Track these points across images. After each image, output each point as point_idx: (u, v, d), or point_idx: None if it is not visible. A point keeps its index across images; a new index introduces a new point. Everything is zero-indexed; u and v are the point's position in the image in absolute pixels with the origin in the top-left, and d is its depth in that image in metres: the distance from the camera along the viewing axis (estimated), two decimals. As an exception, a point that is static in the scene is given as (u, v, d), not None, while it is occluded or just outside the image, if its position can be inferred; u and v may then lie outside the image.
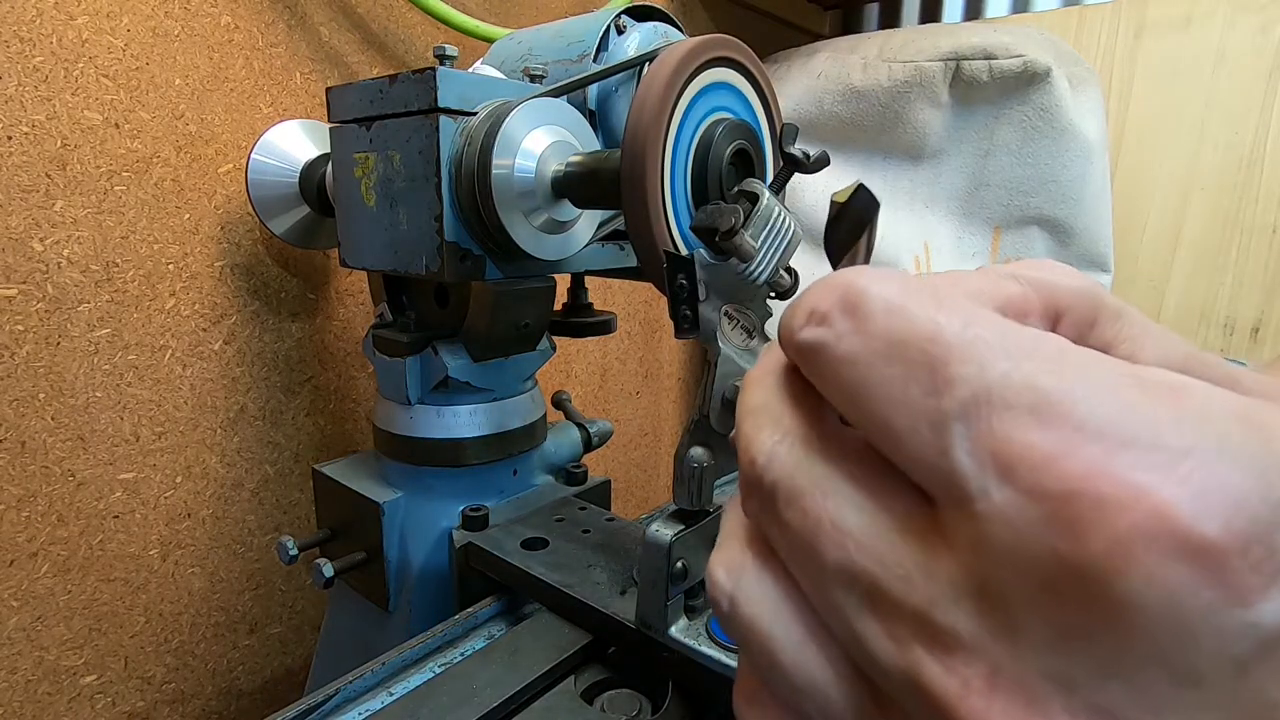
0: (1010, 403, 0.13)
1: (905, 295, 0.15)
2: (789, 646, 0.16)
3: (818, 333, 0.15)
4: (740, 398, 0.19)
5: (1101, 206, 0.96)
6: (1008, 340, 0.13)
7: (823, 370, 0.16)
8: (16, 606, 0.56)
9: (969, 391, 0.13)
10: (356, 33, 0.71)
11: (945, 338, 0.14)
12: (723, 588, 0.17)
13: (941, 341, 0.14)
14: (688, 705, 0.36)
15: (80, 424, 0.58)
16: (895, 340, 0.14)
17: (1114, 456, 0.12)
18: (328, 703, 0.36)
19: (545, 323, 0.54)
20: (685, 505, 0.33)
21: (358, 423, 0.76)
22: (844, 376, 0.15)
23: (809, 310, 0.16)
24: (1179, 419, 0.12)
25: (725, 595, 0.17)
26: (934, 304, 0.14)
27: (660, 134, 0.37)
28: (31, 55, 0.52)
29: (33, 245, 0.54)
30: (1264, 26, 0.95)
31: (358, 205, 0.48)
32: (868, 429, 0.15)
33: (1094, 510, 0.12)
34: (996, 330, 0.14)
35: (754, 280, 0.31)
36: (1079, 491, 0.12)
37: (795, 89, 1.03)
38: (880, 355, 0.14)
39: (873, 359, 0.14)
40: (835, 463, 0.15)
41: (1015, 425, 0.13)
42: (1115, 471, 0.12)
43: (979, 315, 0.14)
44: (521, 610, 0.46)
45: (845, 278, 0.15)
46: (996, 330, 0.14)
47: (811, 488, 0.15)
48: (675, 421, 1.21)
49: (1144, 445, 0.12)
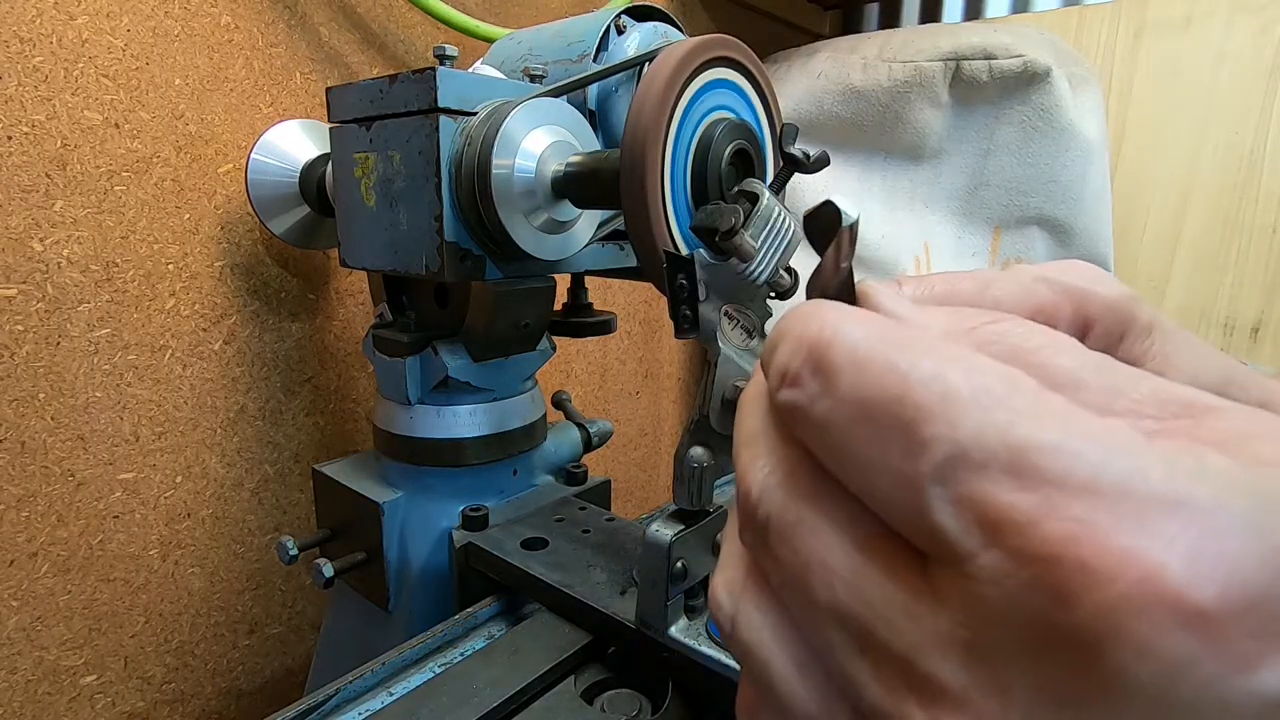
0: (986, 462, 0.12)
1: (872, 346, 0.14)
2: (784, 673, 0.16)
3: (791, 395, 0.15)
4: (737, 420, 0.18)
5: (1101, 206, 0.96)
6: (979, 389, 0.13)
7: (802, 431, 0.15)
8: (16, 606, 0.56)
9: (943, 453, 0.13)
10: (356, 33, 0.71)
11: (913, 397, 0.13)
12: (725, 611, 0.17)
13: (910, 401, 0.13)
14: (688, 705, 0.36)
15: (80, 424, 0.58)
16: (864, 402, 0.14)
17: (1098, 516, 0.11)
18: (328, 703, 0.36)
19: (545, 323, 0.54)
20: (685, 505, 0.33)
21: (358, 423, 0.76)
22: (821, 440, 0.15)
23: (781, 370, 0.15)
24: (1169, 472, 0.12)
25: (727, 618, 0.17)
26: (900, 354, 0.14)
27: (660, 134, 0.37)
28: (31, 55, 0.52)
29: (33, 245, 0.54)
30: (1264, 26, 0.95)
31: (358, 205, 0.48)
32: (852, 487, 0.14)
33: (1080, 577, 0.11)
34: (967, 379, 0.13)
35: (754, 280, 0.31)
36: (1063, 557, 0.11)
37: (795, 89, 1.03)
38: (852, 419, 0.14)
39: (845, 424, 0.14)
40: (825, 501, 0.15)
41: (994, 486, 0.12)
42: (1099, 535, 0.11)
43: (947, 362, 0.13)
44: (521, 610, 0.46)
45: (811, 330, 0.15)
46: (967, 379, 0.13)
47: (801, 526, 0.15)
48: (675, 421, 1.21)
49: (1130, 503, 0.11)
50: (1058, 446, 0.12)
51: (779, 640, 0.16)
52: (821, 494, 0.15)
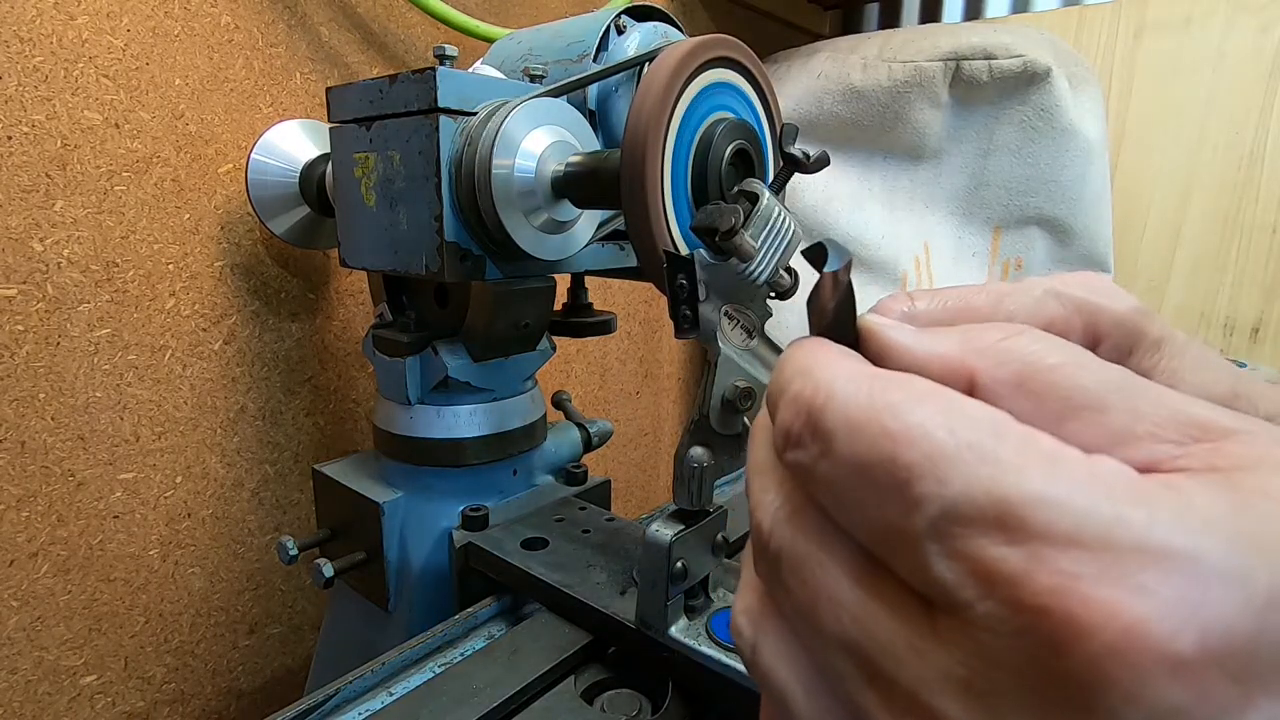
0: (975, 518, 0.13)
1: (862, 407, 0.15)
2: (801, 697, 0.16)
3: (795, 456, 0.16)
4: (749, 449, 0.19)
5: (1101, 206, 0.96)
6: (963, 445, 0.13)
7: (809, 488, 0.16)
8: (16, 606, 0.56)
9: (936, 510, 0.13)
10: (356, 33, 0.71)
11: (904, 457, 0.14)
12: (745, 638, 0.18)
13: (901, 461, 0.14)
14: (688, 705, 0.36)
15: (80, 424, 0.58)
16: (859, 464, 0.14)
17: (1083, 569, 0.12)
18: (328, 703, 0.36)
19: (545, 323, 0.54)
20: (685, 505, 0.33)
21: (358, 423, 0.76)
22: (826, 495, 0.15)
23: (784, 431, 0.16)
24: (1150, 519, 0.12)
25: (748, 644, 0.18)
26: (890, 415, 0.14)
27: (660, 134, 0.37)
28: (31, 55, 0.52)
29: (33, 245, 0.54)
30: (1264, 26, 0.95)
31: (358, 205, 0.48)
32: (857, 536, 0.15)
33: (1068, 628, 0.12)
34: (952, 434, 0.13)
35: (754, 280, 0.31)
36: (1052, 609, 0.12)
37: (795, 89, 1.03)
38: (851, 479, 0.15)
39: (846, 483, 0.15)
40: (831, 539, 0.16)
41: (985, 540, 0.13)
42: (1084, 588, 0.12)
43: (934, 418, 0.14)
44: (521, 610, 0.46)
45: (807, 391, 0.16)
46: (952, 434, 0.13)
47: (810, 560, 0.16)
48: (675, 421, 1.21)
49: (1113, 554, 0.12)
50: (1042, 499, 0.12)
51: (794, 668, 0.17)
52: (828, 533, 0.16)
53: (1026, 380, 0.15)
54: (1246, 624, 0.11)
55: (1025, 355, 0.16)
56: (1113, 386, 0.15)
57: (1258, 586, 0.11)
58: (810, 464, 0.15)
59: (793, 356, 0.17)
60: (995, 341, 0.16)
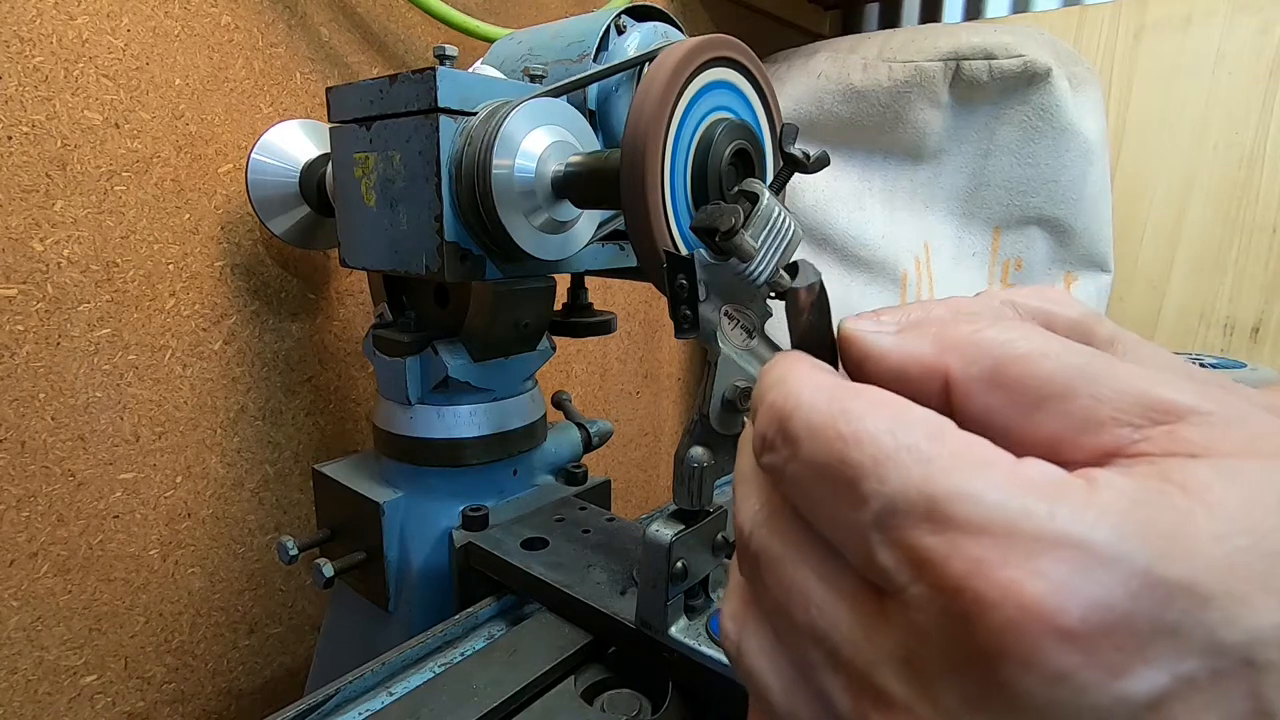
0: (908, 511, 0.15)
1: (822, 414, 0.16)
2: (780, 692, 0.18)
3: (769, 459, 0.18)
4: (737, 458, 0.21)
5: (1101, 206, 0.96)
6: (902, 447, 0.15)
7: (780, 487, 0.18)
8: (16, 606, 0.56)
9: (879, 504, 0.15)
10: (356, 33, 0.71)
11: (853, 458, 0.16)
12: (730, 638, 0.20)
13: (852, 461, 0.16)
14: (688, 705, 0.36)
15: (80, 424, 0.58)
16: (818, 465, 0.16)
17: (990, 554, 0.13)
18: (328, 703, 0.36)
19: (545, 323, 0.54)
20: (685, 505, 0.33)
21: (358, 423, 0.76)
22: (794, 494, 0.17)
23: (760, 436, 0.18)
24: (1051, 512, 0.14)
25: (733, 644, 0.19)
26: (844, 420, 0.16)
27: (660, 134, 0.37)
28: (31, 55, 0.52)
29: (33, 245, 0.54)
30: (1264, 26, 0.95)
31: (358, 205, 0.48)
32: (820, 531, 0.17)
33: (975, 606, 0.13)
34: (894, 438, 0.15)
35: (754, 280, 0.31)
36: (963, 589, 0.14)
37: (795, 89, 1.03)
38: (812, 478, 0.16)
39: (808, 482, 0.17)
40: (801, 539, 0.18)
41: (916, 531, 0.14)
42: (989, 570, 0.13)
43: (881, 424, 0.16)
44: (521, 610, 0.46)
45: (778, 400, 0.18)
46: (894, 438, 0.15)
47: (784, 560, 0.18)
48: (675, 421, 1.21)
49: (1016, 541, 0.13)
50: (963, 494, 0.14)
51: (773, 665, 0.18)
52: (798, 533, 0.18)
53: (996, 375, 0.17)
54: (1124, 602, 0.13)
55: (995, 348, 0.17)
56: (1077, 372, 0.16)
57: (1134, 569, 0.13)
58: (781, 466, 0.17)
59: (770, 369, 0.19)
60: (968, 335, 0.18)
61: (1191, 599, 0.13)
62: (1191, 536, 0.13)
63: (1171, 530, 0.13)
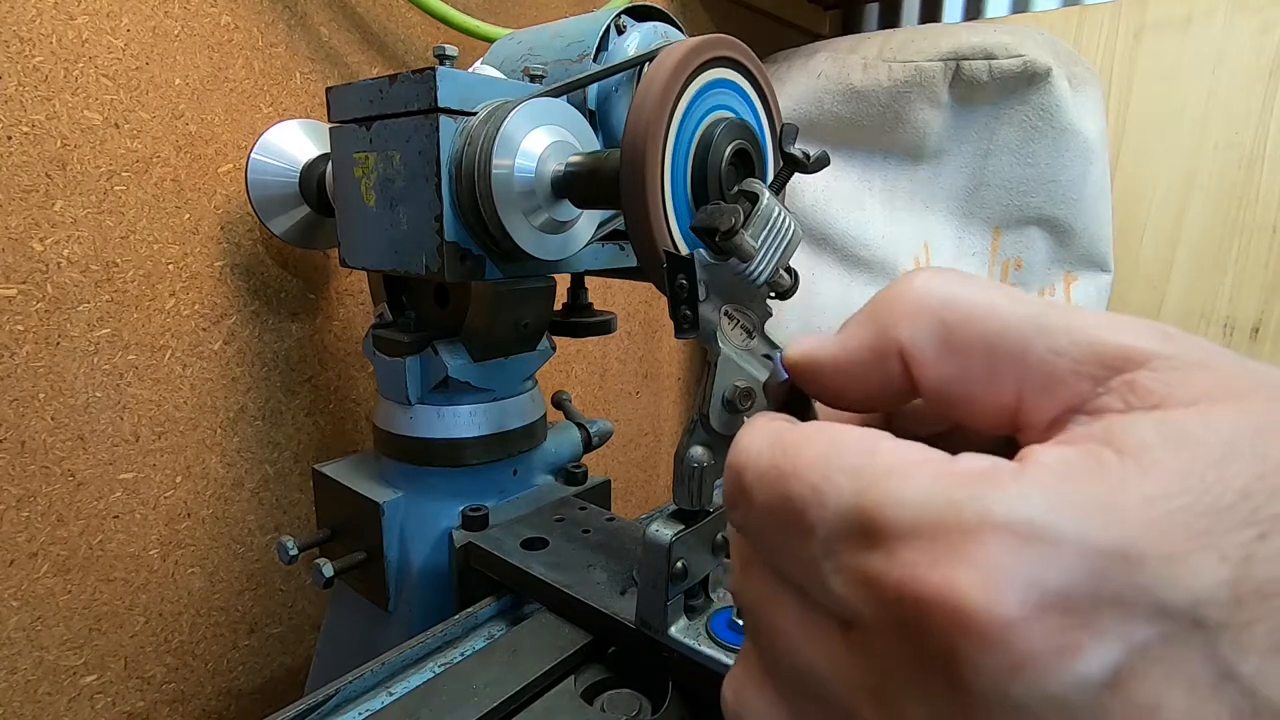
0: (847, 532, 0.14)
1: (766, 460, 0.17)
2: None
3: (733, 517, 0.18)
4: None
5: (1101, 206, 0.96)
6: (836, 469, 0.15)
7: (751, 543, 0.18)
8: (16, 606, 0.56)
9: (824, 532, 0.15)
10: (356, 33, 0.71)
11: (795, 490, 0.15)
12: (731, 706, 0.19)
13: (794, 495, 0.15)
14: (688, 705, 0.36)
15: (80, 424, 0.58)
16: (769, 509, 0.16)
17: (920, 556, 0.13)
18: (328, 703, 0.36)
19: (545, 323, 0.54)
20: (685, 505, 0.33)
21: (358, 423, 0.76)
22: (758, 545, 0.17)
23: (726, 496, 0.18)
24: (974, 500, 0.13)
25: (733, 713, 0.19)
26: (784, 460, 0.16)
27: (660, 134, 0.37)
28: (31, 55, 0.52)
29: (33, 245, 0.54)
30: (1264, 26, 0.95)
31: (358, 205, 0.48)
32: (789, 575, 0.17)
33: (917, 612, 0.13)
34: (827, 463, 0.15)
35: (754, 280, 0.31)
36: (904, 598, 0.13)
37: (795, 89, 1.03)
38: (768, 526, 0.17)
39: (765, 528, 0.17)
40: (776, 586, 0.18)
41: (856, 552, 0.14)
42: (922, 573, 0.13)
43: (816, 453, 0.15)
44: (521, 610, 0.46)
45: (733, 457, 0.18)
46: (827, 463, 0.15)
47: (763, 608, 0.18)
48: (675, 421, 1.20)
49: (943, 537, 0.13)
50: (891, 501, 0.14)
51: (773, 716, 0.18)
52: (770, 581, 0.18)
53: (948, 339, 0.16)
54: (1060, 577, 0.12)
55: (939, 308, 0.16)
56: (1029, 323, 0.15)
57: (1064, 542, 0.12)
58: (743, 522, 0.17)
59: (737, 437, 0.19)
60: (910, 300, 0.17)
61: (1128, 564, 0.12)
62: (1123, 502, 0.12)
63: (1101, 498, 0.12)
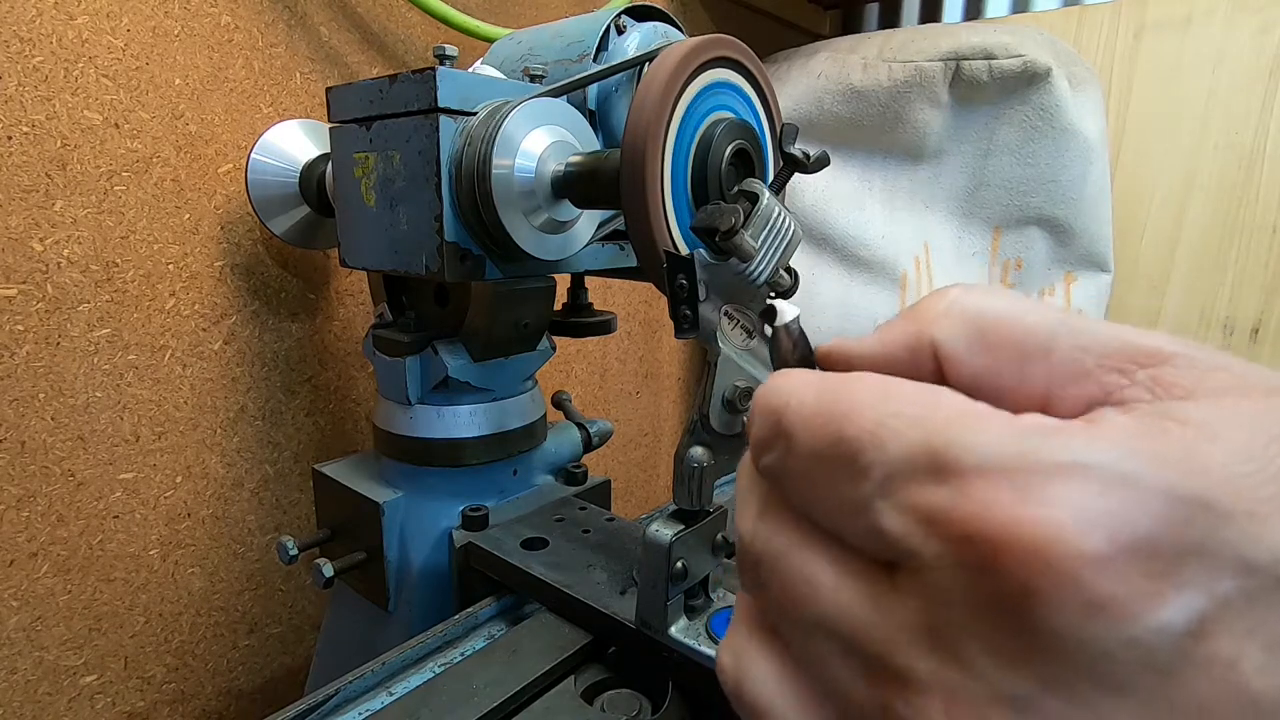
0: (913, 471, 0.14)
1: (813, 403, 0.16)
2: (788, 710, 0.17)
3: (767, 459, 0.18)
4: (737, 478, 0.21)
5: (1101, 206, 0.96)
6: (899, 412, 0.15)
7: (780, 485, 0.18)
8: (16, 606, 0.56)
9: (882, 473, 0.15)
10: (356, 33, 0.71)
11: (849, 433, 0.15)
12: (729, 673, 0.19)
13: (849, 437, 0.15)
14: (688, 705, 0.36)
15: (80, 424, 0.58)
16: (817, 449, 0.16)
17: (998, 494, 0.13)
18: (328, 703, 0.36)
19: (545, 323, 0.54)
20: (685, 505, 0.33)
21: (358, 423, 0.76)
22: (795, 489, 0.17)
23: (757, 440, 0.18)
24: (1056, 443, 0.13)
25: (731, 679, 0.19)
26: (835, 403, 0.16)
27: (660, 134, 0.37)
28: (31, 55, 0.52)
29: (33, 245, 0.54)
30: (1264, 26, 0.95)
31: (358, 205, 0.48)
32: (824, 523, 0.17)
33: (992, 550, 0.13)
34: (888, 406, 0.15)
35: (754, 280, 0.31)
36: (975, 534, 0.13)
37: (795, 89, 1.03)
38: (811, 466, 0.16)
39: (807, 470, 0.16)
40: (804, 531, 0.17)
41: (921, 488, 0.14)
42: (1000, 510, 0.13)
43: (872, 398, 0.16)
44: (521, 610, 0.46)
45: (769, 399, 0.18)
46: (888, 406, 0.15)
47: (787, 553, 0.17)
48: (675, 421, 1.20)
49: (1023, 475, 0.13)
50: (963, 443, 0.14)
51: (780, 685, 0.17)
52: (800, 525, 0.17)
53: (983, 337, 0.17)
54: (1147, 522, 0.12)
55: (974, 313, 0.17)
56: (1058, 323, 0.16)
57: (1152, 488, 0.12)
58: (779, 464, 0.17)
59: (763, 386, 0.19)
60: (945, 307, 0.18)
61: (1212, 516, 0.12)
62: (1202, 460, 0.12)
63: (1181, 454, 0.12)
